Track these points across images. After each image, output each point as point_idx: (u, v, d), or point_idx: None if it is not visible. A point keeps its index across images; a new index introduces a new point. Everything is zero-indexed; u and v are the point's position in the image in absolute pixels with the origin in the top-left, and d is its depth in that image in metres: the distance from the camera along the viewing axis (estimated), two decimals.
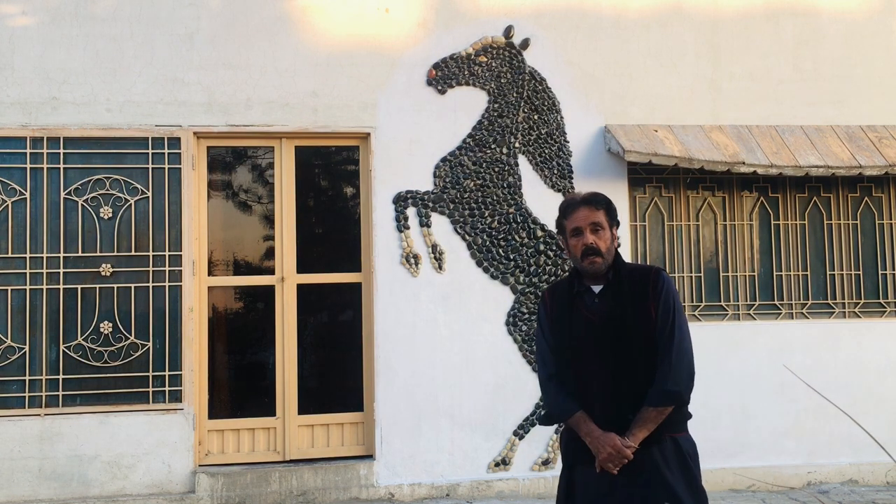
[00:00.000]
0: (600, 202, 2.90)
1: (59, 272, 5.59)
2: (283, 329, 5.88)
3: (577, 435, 2.83)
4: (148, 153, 5.73)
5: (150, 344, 5.64)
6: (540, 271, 5.99)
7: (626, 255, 6.08)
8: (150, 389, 5.62)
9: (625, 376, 2.75)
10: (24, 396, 5.51)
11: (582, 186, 6.09)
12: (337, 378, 6.19)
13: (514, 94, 6.06)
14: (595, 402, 2.78)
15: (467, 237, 5.95)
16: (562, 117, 6.12)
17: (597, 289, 2.86)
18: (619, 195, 6.12)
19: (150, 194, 5.71)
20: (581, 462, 2.83)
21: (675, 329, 2.75)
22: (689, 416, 2.84)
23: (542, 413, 3.06)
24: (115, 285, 5.64)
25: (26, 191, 5.60)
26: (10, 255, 5.57)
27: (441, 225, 5.94)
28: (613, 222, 2.92)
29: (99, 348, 5.59)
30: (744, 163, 5.92)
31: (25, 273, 5.57)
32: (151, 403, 5.61)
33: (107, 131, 5.69)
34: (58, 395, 5.54)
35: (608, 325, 2.78)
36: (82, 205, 5.65)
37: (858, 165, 6.03)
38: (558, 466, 5.86)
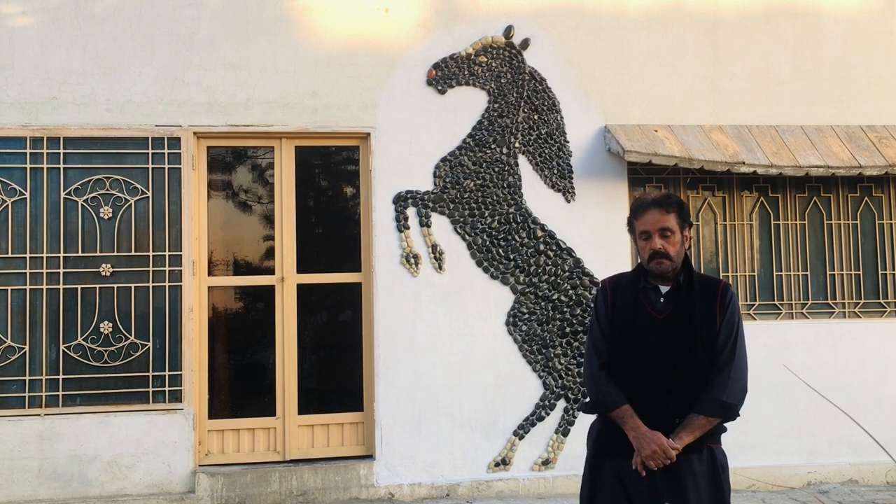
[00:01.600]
0: (672, 205, 2.85)
1: (59, 272, 5.59)
2: (283, 329, 5.88)
3: (612, 428, 2.84)
4: (148, 153, 5.73)
5: (150, 344, 5.64)
6: (540, 271, 5.99)
7: (627, 255, 6.09)
8: (150, 389, 5.62)
9: (679, 380, 2.76)
10: (24, 396, 5.51)
11: (582, 186, 6.09)
12: (337, 378, 6.19)
13: (514, 94, 6.06)
14: (643, 399, 2.79)
15: (467, 237, 5.95)
16: (562, 117, 6.12)
17: (664, 289, 2.87)
18: (619, 195, 6.13)
19: (150, 194, 5.71)
20: (613, 455, 2.85)
21: (738, 344, 2.80)
22: (725, 429, 2.87)
23: (587, 402, 2.98)
24: (115, 285, 5.64)
25: (26, 191, 5.60)
26: (10, 255, 5.57)
27: (441, 225, 5.94)
28: (685, 224, 2.88)
29: (99, 348, 5.59)
30: (744, 163, 5.92)
31: (25, 273, 5.57)
32: (151, 403, 5.61)
33: (107, 131, 5.69)
34: (58, 395, 5.54)
35: (673, 325, 2.79)
36: (82, 205, 5.65)
37: (858, 165, 6.03)
38: (558, 466, 5.90)
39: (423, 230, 5.91)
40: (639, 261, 2.97)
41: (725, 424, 2.84)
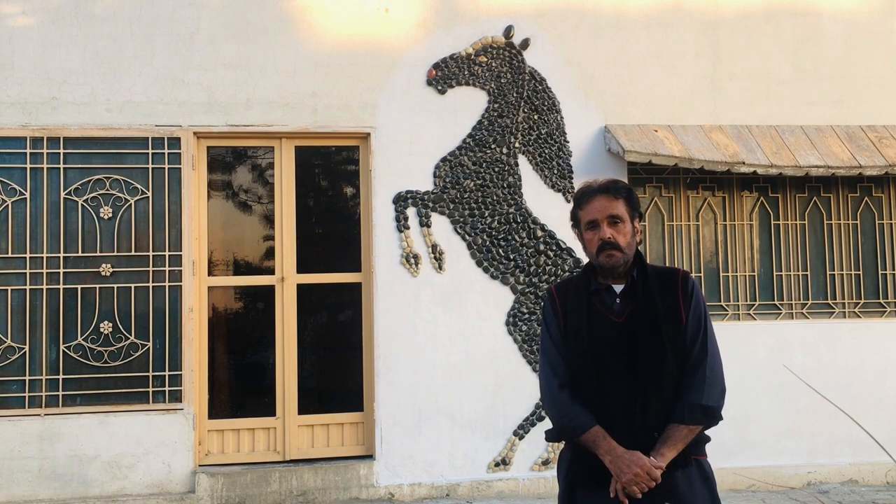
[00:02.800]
0: (620, 191, 2.55)
1: (59, 272, 5.59)
2: (283, 329, 5.88)
3: (581, 453, 2.51)
4: (148, 153, 5.73)
5: (150, 344, 5.64)
6: (540, 271, 5.99)
7: None
8: (150, 389, 5.62)
9: (652, 388, 2.46)
10: (24, 396, 5.51)
11: None
12: (337, 378, 6.19)
13: (514, 94, 6.06)
14: (617, 416, 2.46)
15: (467, 237, 5.95)
16: (562, 117, 6.12)
17: (618, 288, 2.56)
18: None
19: (150, 194, 5.71)
20: (587, 485, 2.51)
21: (708, 338, 2.52)
22: (709, 438, 2.58)
23: (551, 428, 2.61)
24: (115, 285, 5.64)
25: (26, 191, 5.60)
26: (10, 255, 5.57)
27: (441, 225, 5.94)
28: (635, 213, 2.57)
29: (99, 348, 5.60)
30: (744, 163, 5.92)
31: (25, 273, 5.57)
32: (151, 403, 5.61)
33: (107, 131, 5.69)
34: (58, 395, 5.54)
35: (635, 326, 2.48)
36: (82, 205, 5.65)
37: (858, 165, 6.03)
38: None
39: (423, 230, 5.91)
40: (585, 262, 2.70)
41: (708, 432, 2.55)
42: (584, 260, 6.00)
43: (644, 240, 6.22)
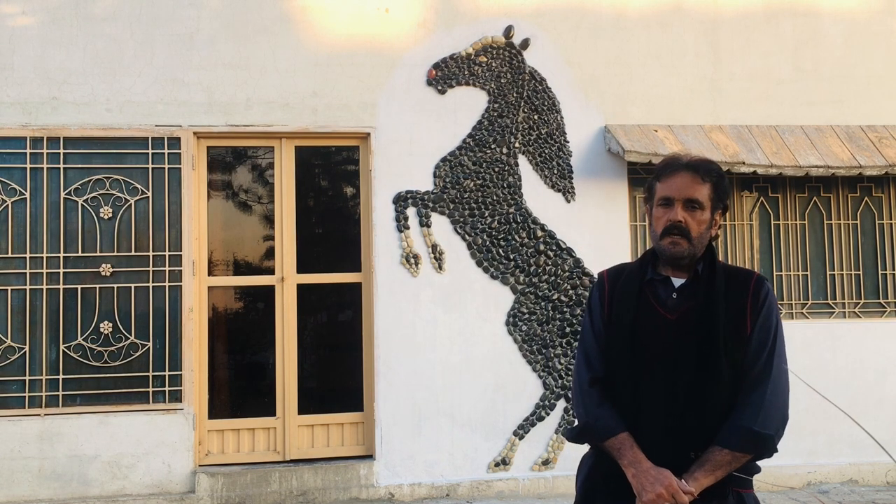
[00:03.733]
0: (710, 173, 2.21)
1: (59, 272, 5.59)
2: (283, 329, 5.88)
3: (607, 463, 2.21)
4: (148, 153, 5.73)
5: (150, 344, 5.64)
6: (540, 271, 5.99)
7: (626, 256, 6.08)
8: (150, 389, 5.62)
9: (696, 401, 2.12)
10: (24, 396, 5.51)
11: (582, 186, 6.09)
12: (337, 378, 6.19)
13: (514, 94, 6.06)
14: (648, 426, 2.15)
15: (467, 237, 5.95)
16: (562, 117, 6.12)
17: (678, 282, 2.22)
18: (619, 195, 6.13)
19: (150, 194, 5.71)
20: (608, 499, 2.21)
21: (775, 357, 2.16)
22: (759, 469, 2.21)
23: (573, 427, 2.33)
24: (115, 285, 5.64)
25: (26, 191, 5.60)
26: (10, 255, 5.57)
27: (441, 225, 5.94)
28: (719, 204, 2.23)
29: (99, 348, 5.59)
30: (744, 163, 5.92)
31: (25, 273, 5.57)
32: (151, 403, 5.61)
33: (107, 131, 5.69)
34: (58, 395, 5.54)
35: (689, 327, 2.16)
36: (82, 205, 5.65)
37: (858, 165, 6.03)
38: (558, 466, 5.90)
39: (423, 230, 5.91)
40: (645, 250, 2.36)
41: (759, 463, 2.19)
42: (586, 260, 6.05)
43: (644, 240, 6.22)
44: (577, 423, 2.33)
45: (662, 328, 2.19)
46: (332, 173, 6.32)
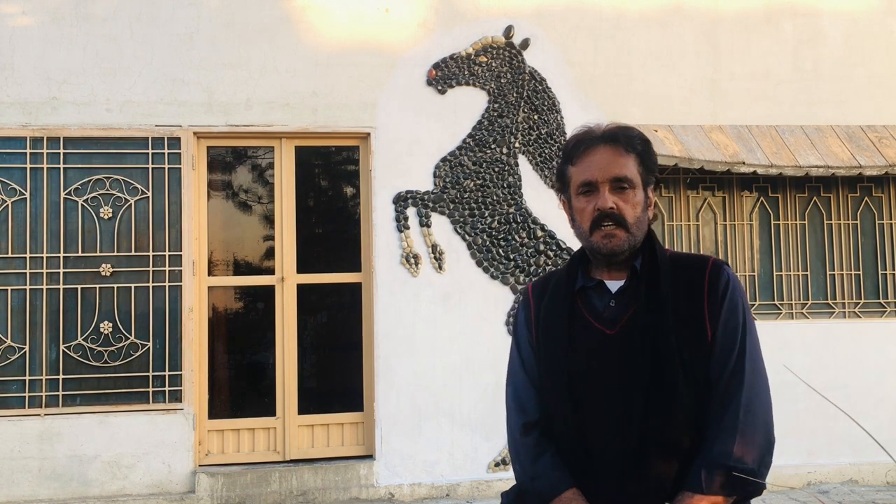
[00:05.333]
0: (633, 142, 1.77)
1: (59, 272, 5.59)
2: (283, 329, 5.88)
3: None
4: (148, 153, 5.73)
5: (150, 344, 5.64)
6: (540, 271, 5.99)
7: None
8: (150, 389, 5.62)
9: (656, 435, 1.67)
10: (24, 396, 5.51)
11: None
12: (337, 378, 6.19)
13: (514, 94, 6.06)
14: (601, 475, 1.71)
15: (467, 237, 5.95)
16: (562, 117, 6.12)
17: (615, 285, 1.79)
18: None
19: (150, 194, 5.71)
20: None
21: (747, 360, 1.69)
22: (759, 492, 1.69)
23: (508, 490, 1.88)
24: (115, 285, 5.64)
25: (26, 191, 5.60)
26: (10, 255, 5.57)
27: (441, 225, 5.94)
28: (650, 178, 1.80)
29: (99, 348, 5.59)
30: (744, 163, 5.92)
31: (25, 273, 5.57)
32: (151, 403, 5.61)
33: (107, 131, 5.69)
34: (58, 395, 5.54)
35: (631, 340, 1.71)
36: (82, 205, 5.65)
37: (858, 165, 6.03)
38: None
39: (423, 230, 5.91)
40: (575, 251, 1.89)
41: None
42: None
43: None
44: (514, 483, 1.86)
45: (602, 347, 1.73)
46: (332, 173, 6.32)
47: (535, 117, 6.08)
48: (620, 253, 1.75)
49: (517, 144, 6.05)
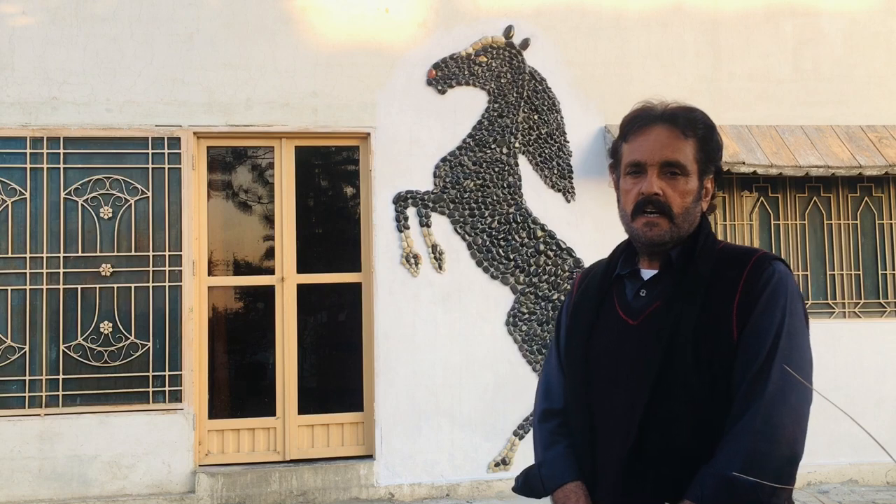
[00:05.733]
0: (694, 125, 1.66)
1: (59, 272, 5.59)
2: (283, 329, 5.88)
3: None
4: (148, 153, 5.73)
5: (150, 344, 5.64)
6: (540, 271, 5.99)
7: None
8: (150, 389, 5.62)
9: (663, 435, 1.56)
10: (24, 396, 5.51)
11: (582, 186, 6.08)
12: (337, 378, 6.19)
13: (514, 94, 6.06)
14: (604, 470, 1.64)
15: (467, 237, 5.95)
16: (562, 117, 6.12)
17: (648, 274, 1.68)
18: None
19: (150, 194, 5.71)
20: None
21: (776, 365, 1.51)
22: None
23: (519, 475, 1.83)
24: (115, 285, 5.64)
25: (26, 191, 5.60)
26: (10, 255, 5.57)
27: (441, 225, 5.94)
28: (709, 167, 1.66)
29: (99, 348, 5.59)
30: (744, 163, 5.92)
31: (25, 273, 5.57)
32: (151, 403, 5.61)
33: (107, 131, 5.69)
34: (58, 395, 5.54)
35: (648, 334, 1.60)
36: (82, 205, 5.65)
37: (858, 165, 6.03)
38: None
39: (423, 230, 5.91)
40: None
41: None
42: (586, 260, 6.03)
43: None
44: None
45: (621, 338, 1.64)
46: (332, 173, 6.32)
47: (535, 117, 6.08)
48: (661, 244, 1.63)
49: (517, 144, 6.05)
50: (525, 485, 1.79)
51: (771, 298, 1.55)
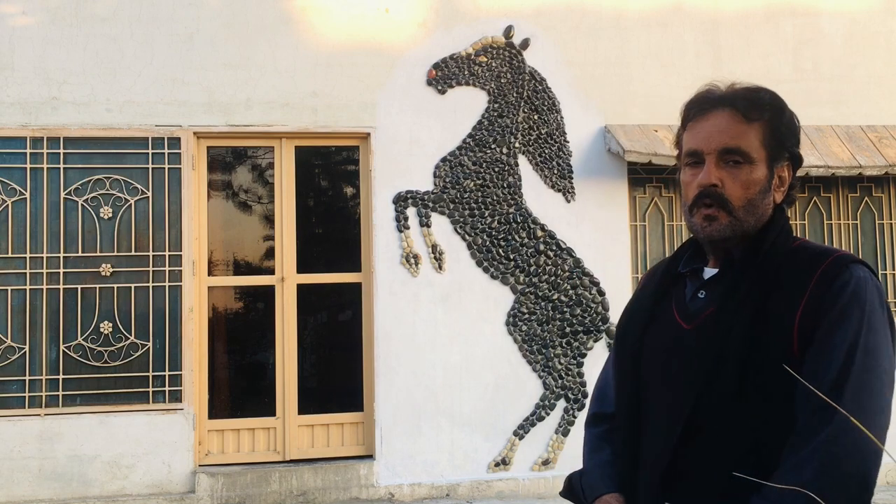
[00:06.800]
0: (760, 107, 1.54)
1: (59, 272, 5.59)
2: (283, 329, 5.88)
3: None
4: (148, 153, 5.73)
5: (150, 344, 5.64)
6: (540, 271, 5.99)
7: (626, 256, 6.07)
8: (150, 389, 5.62)
9: (697, 445, 1.44)
10: (24, 396, 5.51)
11: (582, 186, 6.08)
12: (337, 378, 6.19)
13: (514, 94, 6.06)
14: (642, 478, 1.54)
15: (467, 237, 5.95)
16: (562, 117, 6.12)
17: (711, 273, 1.55)
18: (619, 195, 6.12)
19: (150, 194, 5.71)
20: None
21: (848, 387, 1.32)
22: None
23: (568, 476, 1.74)
24: (115, 285, 5.64)
25: (26, 191, 5.60)
26: (10, 255, 5.57)
27: (441, 225, 5.94)
28: (781, 154, 1.54)
29: (99, 348, 5.59)
30: None
31: (25, 273, 5.57)
32: (151, 403, 5.61)
33: (107, 131, 5.69)
34: (58, 395, 5.54)
35: (700, 341, 1.47)
36: (82, 205, 5.65)
37: (858, 165, 6.03)
38: (558, 466, 5.89)
39: (423, 230, 5.91)
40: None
41: None
42: (586, 260, 6.04)
43: (644, 240, 6.21)
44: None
45: (674, 343, 1.51)
46: (332, 173, 6.32)
47: (535, 117, 6.08)
48: (721, 240, 1.48)
49: (517, 144, 6.05)
50: (569, 491, 1.69)
51: (845, 310, 1.35)
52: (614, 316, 5.89)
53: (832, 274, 1.38)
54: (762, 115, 1.51)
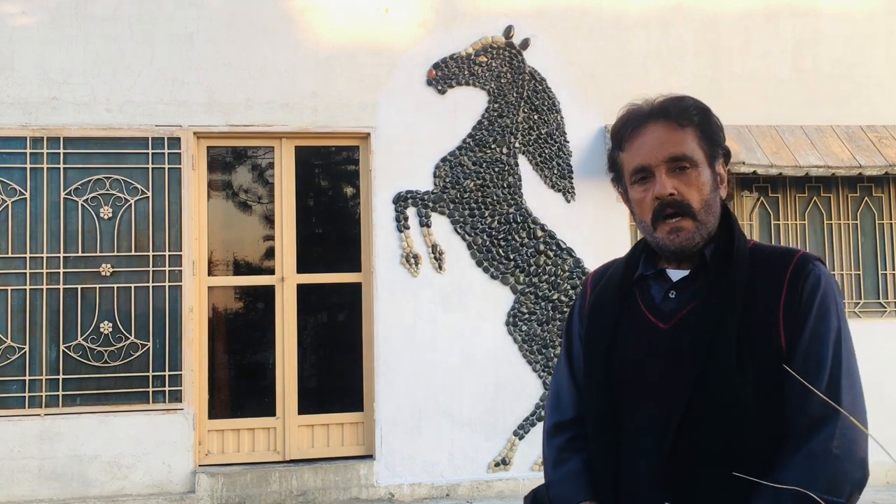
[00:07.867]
0: (688, 113, 1.58)
1: (59, 272, 5.59)
2: (283, 329, 5.88)
3: None
4: (148, 153, 5.73)
5: (150, 344, 5.64)
6: (540, 271, 5.99)
7: None
8: (150, 389, 5.62)
9: (691, 444, 1.43)
10: (24, 396, 5.51)
11: (582, 186, 6.08)
12: (337, 378, 6.19)
13: (514, 94, 6.06)
14: (628, 481, 1.50)
15: (467, 237, 5.95)
16: (562, 117, 6.12)
17: (678, 275, 1.55)
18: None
19: (150, 194, 5.71)
20: None
21: (844, 378, 1.42)
22: None
23: (527, 494, 1.71)
24: (115, 285, 5.64)
25: (26, 191, 5.60)
26: (10, 255, 5.57)
27: (441, 225, 5.94)
28: (717, 151, 1.56)
29: (99, 348, 5.59)
30: (744, 163, 5.92)
31: (25, 273, 5.57)
32: (151, 403, 5.61)
33: (107, 131, 5.69)
34: (58, 395, 5.54)
35: (685, 337, 1.47)
36: (82, 205, 5.65)
37: (858, 165, 6.03)
38: None
39: (423, 230, 5.91)
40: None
41: None
42: (586, 260, 6.03)
43: None
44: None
45: (652, 343, 1.50)
46: (332, 173, 6.32)
47: (535, 117, 6.08)
48: (692, 247, 1.50)
49: (517, 144, 6.05)
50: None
51: (822, 306, 1.43)
52: None
53: (804, 271, 1.45)
54: (692, 119, 1.56)
